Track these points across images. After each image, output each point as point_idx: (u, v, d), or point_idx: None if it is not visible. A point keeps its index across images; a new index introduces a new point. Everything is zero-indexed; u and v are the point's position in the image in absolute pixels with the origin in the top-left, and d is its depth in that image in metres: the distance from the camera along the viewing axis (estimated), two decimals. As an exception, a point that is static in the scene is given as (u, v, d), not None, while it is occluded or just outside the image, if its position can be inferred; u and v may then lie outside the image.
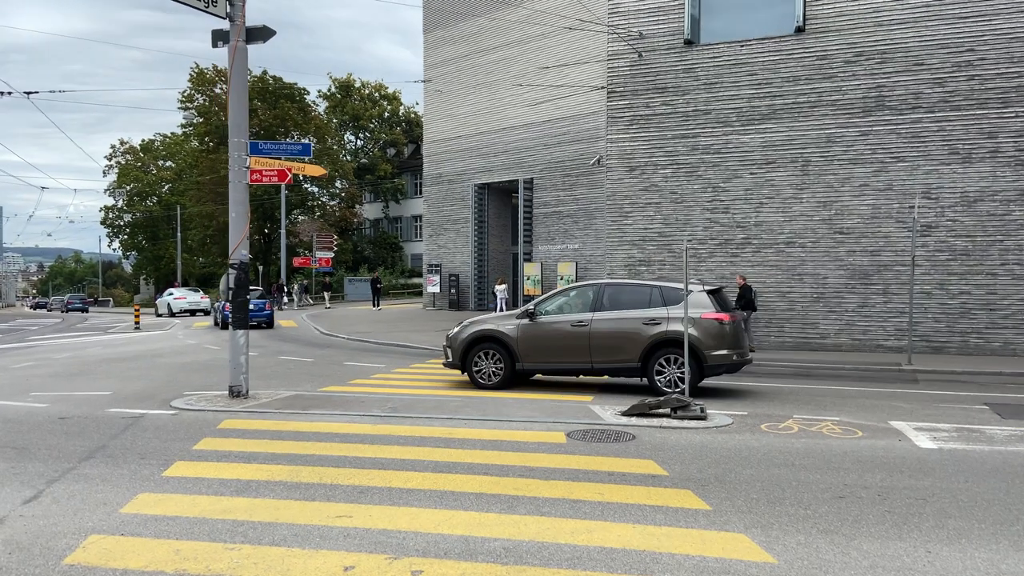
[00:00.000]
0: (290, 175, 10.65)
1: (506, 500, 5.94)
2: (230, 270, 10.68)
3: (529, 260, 31.97)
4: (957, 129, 16.88)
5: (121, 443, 7.98)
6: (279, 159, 10.77)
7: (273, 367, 15.26)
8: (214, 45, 10.94)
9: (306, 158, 11.27)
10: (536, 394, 11.36)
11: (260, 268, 51.45)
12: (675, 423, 8.88)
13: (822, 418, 9.33)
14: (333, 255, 45.27)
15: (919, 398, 11.25)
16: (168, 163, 75.26)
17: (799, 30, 17.91)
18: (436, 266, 35.38)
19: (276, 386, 12.36)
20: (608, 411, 9.68)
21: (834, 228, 17.87)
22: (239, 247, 10.65)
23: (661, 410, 9.30)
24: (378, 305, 38.47)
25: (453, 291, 34.24)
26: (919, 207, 16.02)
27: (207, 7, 10.35)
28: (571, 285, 13.12)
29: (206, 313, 39.63)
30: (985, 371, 14.21)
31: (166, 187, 73.35)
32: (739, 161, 18.51)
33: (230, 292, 10.67)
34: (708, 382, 11.79)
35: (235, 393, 10.71)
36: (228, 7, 10.57)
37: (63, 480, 6.53)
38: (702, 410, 9.18)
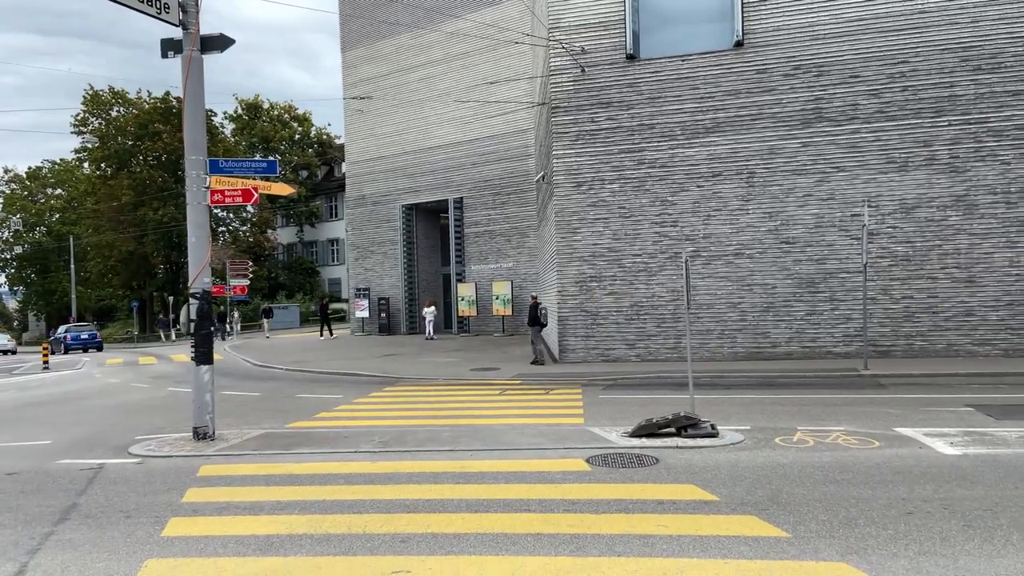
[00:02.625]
0: (256, 194, 9.82)
1: (569, 540, 5.41)
2: (191, 299, 9.75)
3: (462, 280, 31.39)
4: (893, 139, 17.40)
5: (93, 500, 7.01)
6: (243, 177, 9.93)
7: (219, 403, 14.10)
8: (164, 55, 10.04)
9: (273, 175, 10.46)
10: (525, 419, 10.83)
11: (171, 299, 48.93)
12: (689, 442, 8.53)
13: (828, 429, 9.18)
14: (249, 282, 43.39)
15: (900, 403, 11.30)
16: (58, 191, 70.90)
17: (738, 44, 18.14)
18: (364, 290, 34.31)
19: (234, 424, 11.44)
20: (611, 432, 9.26)
21: (780, 238, 18.11)
22: (200, 274, 9.74)
23: (668, 429, 8.97)
24: (324, 334, 34.68)
25: (383, 315, 33.24)
26: (861, 214, 16.35)
27: (159, 13, 9.48)
28: None
29: (13, 353, 43.22)
30: (941, 373, 14.52)
31: (56, 216, 69.00)
32: (685, 174, 18.56)
33: (192, 324, 9.73)
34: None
35: (201, 435, 9.76)
36: (181, 14, 9.73)
37: (47, 549, 5.60)
38: (712, 427, 8.88)
